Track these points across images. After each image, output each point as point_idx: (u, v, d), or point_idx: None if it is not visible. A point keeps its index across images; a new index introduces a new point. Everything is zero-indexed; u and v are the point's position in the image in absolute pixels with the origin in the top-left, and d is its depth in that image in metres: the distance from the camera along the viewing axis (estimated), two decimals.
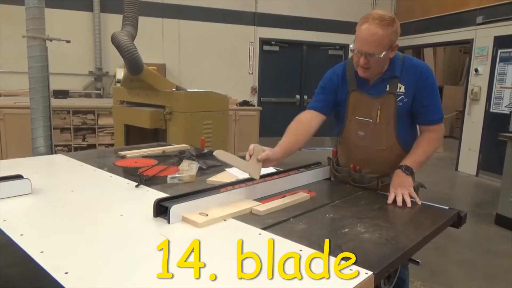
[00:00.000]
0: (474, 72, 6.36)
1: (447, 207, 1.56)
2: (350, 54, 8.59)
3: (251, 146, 1.55)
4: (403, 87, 1.71)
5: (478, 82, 6.31)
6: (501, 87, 5.96)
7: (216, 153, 1.49)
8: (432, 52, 9.53)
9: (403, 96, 1.71)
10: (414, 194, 1.61)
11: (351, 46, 1.68)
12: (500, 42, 5.94)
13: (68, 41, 3.43)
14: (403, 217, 1.52)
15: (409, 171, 1.65)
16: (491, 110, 6.11)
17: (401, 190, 1.59)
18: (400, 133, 1.77)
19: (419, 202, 1.59)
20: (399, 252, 1.13)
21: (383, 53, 1.59)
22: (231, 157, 1.52)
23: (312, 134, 1.82)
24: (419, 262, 1.41)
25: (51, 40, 3.16)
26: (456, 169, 6.71)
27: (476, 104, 6.35)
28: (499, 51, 5.96)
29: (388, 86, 1.72)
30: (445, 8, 6.94)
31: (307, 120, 1.82)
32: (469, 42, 6.52)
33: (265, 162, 1.57)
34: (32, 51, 3.11)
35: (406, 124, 1.78)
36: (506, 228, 3.95)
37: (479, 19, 6.22)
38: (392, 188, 1.63)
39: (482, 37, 6.23)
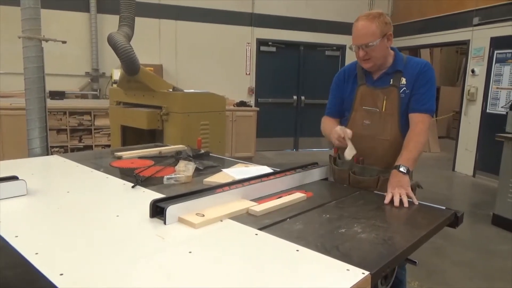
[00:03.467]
0: (471, 73, 6.38)
1: (444, 207, 1.56)
2: (347, 55, 8.65)
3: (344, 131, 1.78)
4: (404, 79, 1.84)
5: (474, 82, 6.33)
6: (497, 88, 5.98)
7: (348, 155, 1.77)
8: (429, 53, 9.56)
9: (405, 88, 1.84)
10: (411, 194, 1.62)
11: (350, 46, 1.86)
12: (497, 43, 5.97)
13: (64, 42, 3.42)
14: (400, 217, 1.52)
15: (405, 170, 1.67)
16: (487, 110, 6.13)
17: (398, 190, 1.60)
18: (403, 126, 1.85)
19: (416, 202, 1.60)
20: (396, 252, 1.13)
21: (377, 41, 1.76)
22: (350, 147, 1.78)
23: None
24: (416, 262, 1.41)
25: (47, 40, 3.14)
26: (453, 169, 6.73)
27: (473, 104, 6.37)
28: (496, 52, 5.99)
29: (391, 80, 1.87)
30: (442, 9, 6.96)
31: (328, 120, 2.08)
32: (466, 43, 6.54)
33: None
34: (27, 51, 3.09)
35: (408, 118, 1.85)
36: (503, 228, 3.96)
37: (476, 20, 6.25)
38: (389, 188, 1.64)
39: (479, 38, 6.26)
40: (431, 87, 1.84)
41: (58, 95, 5.97)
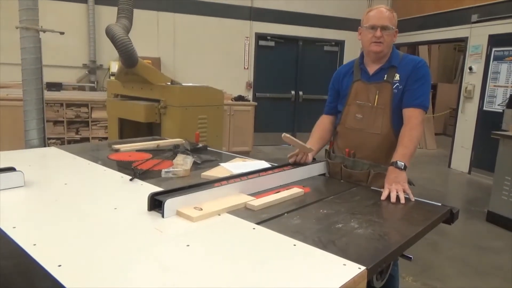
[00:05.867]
0: (468, 70, 6.39)
1: (440, 204, 1.58)
2: (346, 51, 8.58)
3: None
4: (398, 75, 1.87)
5: (472, 80, 6.34)
6: (494, 86, 5.99)
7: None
8: (427, 49, 9.56)
9: (398, 84, 1.86)
10: (408, 190, 1.63)
11: (364, 25, 1.90)
12: (495, 40, 5.97)
13: (62, 33, 3.40)
14: (396, 213, 1.53)
15: (402, 166, 1.68)
16: (484, 108, 6.15)
17: (395, 186, 1.61)
18: (395, 121, 1.87)
19: (413, 198, 1.61)
20: (391, 248, 1.14)
21: (393, 28, 1.87)
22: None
23: (330, 131, 2.14)
24: (411, 257, 1.43)
25: (44, 31, 3.12)
26: (449, 166, 6.76)
27: (470, 102, 6.39)
28: (493, 49, 5.99)
29: (386, 75, 1.90)
30: (441, 6, 6.96)
31: (322, 122, 2.16)
32: (464, 40, 6.54)
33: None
34: (25, 42, 3.07)
35: (401, 114, 1.87)
36: (497, 225, 3.99)
37: (474, 17, 6.25)
38: (386, 184, 1.65)
39: (477, 35, 6.26)
40: (424, 83, 1.86)
41: (55, 86, 5.94)
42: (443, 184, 6.00)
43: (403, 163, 1.69)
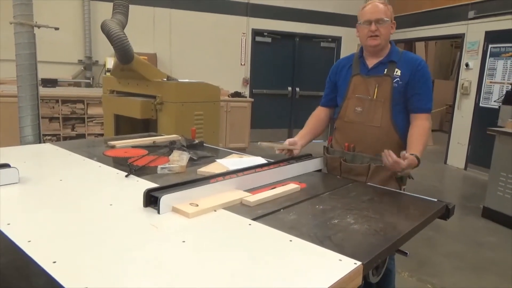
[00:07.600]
0: (465, 67, 6.41)
1: (436, 200, 1.58)
2: (342, 47, 8.54)
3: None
4: (399, 71, 1.88)
5: (468, 76, 6.36)
6: (490, 82, 6.01)
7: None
8: (424, 46, 9.57)
9: (398, 79, 1.88)
10: (402, 166, 1.65)
11: (359, 22, 1.93)
12: (491, 37, 5.98)
13: (56, 28, 3.37)
14: (392, 208, 1.53)
15: (418, 161, 1.72)
16: (480, 104, 6.17)
17: (397, 161, 1.64)
18: (395, 115, 1.88)
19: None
20: (387, 243, 1.14)
21: (388, 19, 1.89)
22: (273, 145, 1.93)
23: (325, 122, 2.17)
24: (407, 253, 1.43)
25: (39, 27, 3.10)
26: (445, 162, 6.79)
27: (466, 98, 6.41)
28: (490, 46, 6.01)
29: (386, 69, 1.91)
30: (437, 2, 6.95)
31: (317, 113, 2.18)
32: (461, 36, 6.56)
33: (292, 145, 1.97)
34: (19, 38, 3.05)
35: (401, 108, 1.89)
36: (492, 221, 4.02)
37: (471, 14, 6.26)
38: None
39: (474, 32, 6.27)
40: (429, 86, 1.91)
41: (50, 82, 5.90)
42: (439, 180, 6.02)
43: (419, 159, 1.72)
